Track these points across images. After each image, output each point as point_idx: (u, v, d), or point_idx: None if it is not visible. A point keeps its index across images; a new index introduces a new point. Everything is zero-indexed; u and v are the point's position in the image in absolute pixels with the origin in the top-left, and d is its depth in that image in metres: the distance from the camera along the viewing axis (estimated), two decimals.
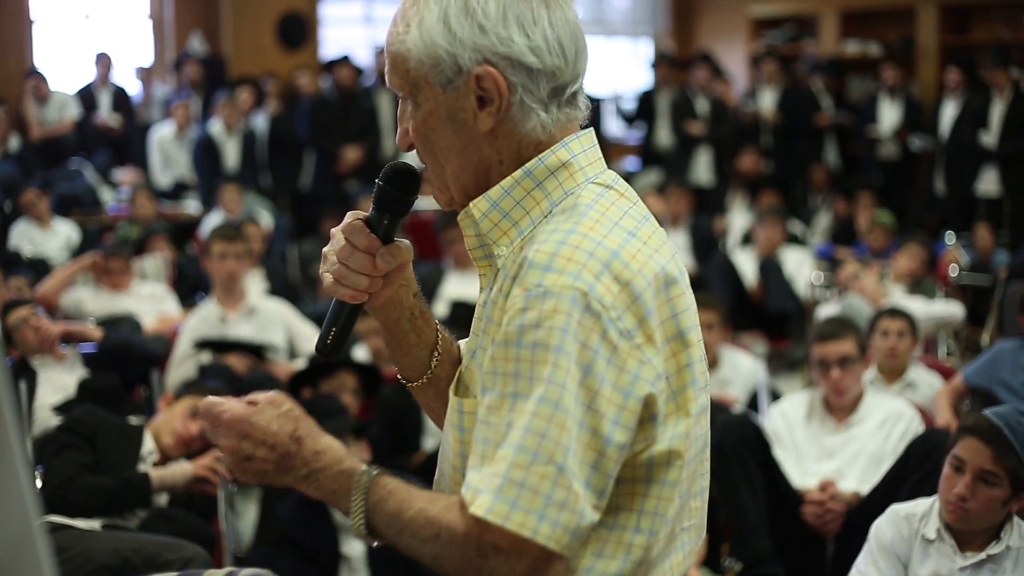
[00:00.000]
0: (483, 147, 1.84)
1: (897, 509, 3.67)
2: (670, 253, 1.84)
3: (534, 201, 1.84)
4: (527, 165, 1.84)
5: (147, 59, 13.56)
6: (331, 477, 1.82)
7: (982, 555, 3.50)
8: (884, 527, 3.64)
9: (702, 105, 12.58)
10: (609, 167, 1.95)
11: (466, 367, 1.91)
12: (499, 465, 1.68)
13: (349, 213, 1.98)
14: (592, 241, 1.73)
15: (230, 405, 1.87)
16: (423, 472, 5.70)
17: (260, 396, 1.89)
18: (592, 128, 1.94)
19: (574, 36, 1.85)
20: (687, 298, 1.83)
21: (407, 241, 2.01)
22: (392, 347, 2.11)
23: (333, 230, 1.97)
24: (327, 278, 1.98)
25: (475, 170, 1.86)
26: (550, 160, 1.84)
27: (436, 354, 2.07)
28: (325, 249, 1.98)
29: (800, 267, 9.12)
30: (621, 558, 1.78)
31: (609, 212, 1.81)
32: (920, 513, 3.62)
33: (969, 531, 3.54)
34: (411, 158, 1.99)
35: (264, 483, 1.87)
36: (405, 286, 2.05)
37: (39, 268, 8.30)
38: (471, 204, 1.87)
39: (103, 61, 12.38)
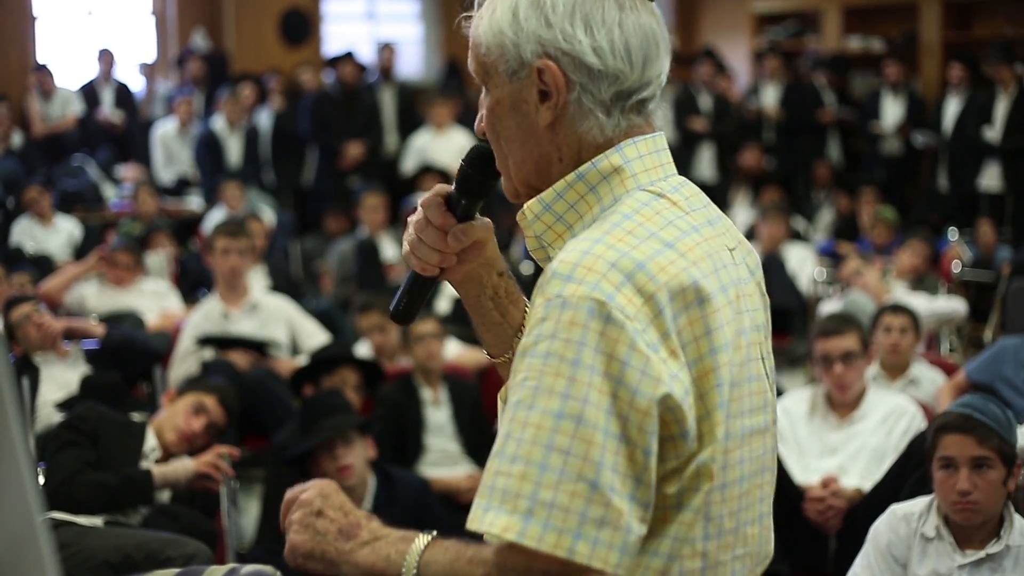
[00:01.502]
0: (543, 142, 1.83)
1: (896, 509, 3.67)
2: (711, 267, 1.76)
3: (587, 205, 1.82)
4: (580, 169, 1.82)
5: (150, 55, 13.59)
6: (391, 542, 1.79)
7: (981, 553, 3.50)
8: (882, 529, 3.64)
9: (705, 101, 12.56)
10: None
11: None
12: (526, 486, 1.62)
13: (437, 186, 1.99)
14: (616, 252, 1.69)
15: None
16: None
17: None
18: (659, 133, 1.89)
19: (646, 42, 1.81)
20: (724, 314, 1.75)
21: (487, 220, 2.01)
22: (475, 322, 2.12)
23: (420, 200, 1.98)
24: (404, 245, 2.01)
25: (536, 164, 1.85)
26: (603, 165, 1.81)
27: (519, 335, 2.05)
28: (409, 217, 2.01)
29: (803, 263, 9.12)
30: None
31: (648, 222, 1.75)
32: (919, 512, 3.61)
33: (972, 527, 3.54)
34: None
35: (315, 549, 1.85)
36: (486, 265, 2.04)
37: (42, 265, 8.31)
38: (525, 206, 1.86)
39: (106, 57, 12.40)
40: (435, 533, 1.78)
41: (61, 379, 5.51)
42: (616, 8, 1.80)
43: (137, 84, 13.10)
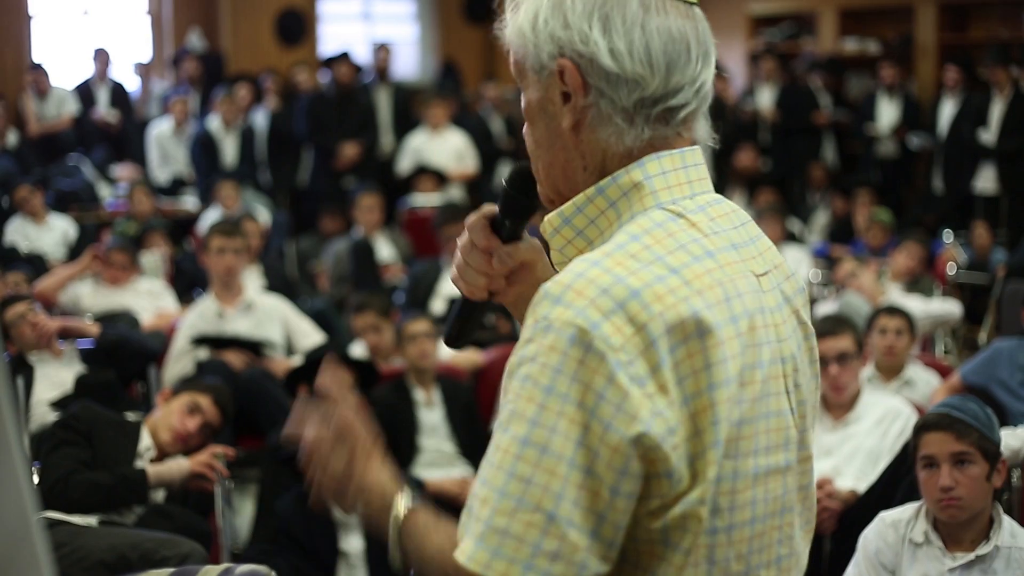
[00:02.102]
0: (568, 147, 1.76)
1: (884, 516, 3.68)
2: (721, 296, 1.66)
3: (607, 221, 1.74)
4: (601, 183, 1.74)
5: (145, 55, 13.57)
6: (386, 480, 1.80)
7: (971, 555, 3.50)
8: (870, 536, 3.65)
9: None
10: None
11: None
12: (483, 510, 1.59)
13: (484, 206, 1.96)
14: (612, 276, 1.60)
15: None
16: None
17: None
18: (692, 148, 1.78)
19: (671, 46, 1.71)
20: (730, 347, 1.64)
21: (535, 241, 1.97)
22: None
23: (466, 222, 1.95)
24: (452, 270, 1.98)
25: (563, 170, 1.79)
26: (623, 180, 1.73)
27: None
28: (457, 239, 1.99)
29: (798, 265, 9.11)
30: None
31: (656, 245, 1.66)
32: (907, 518, 3.63)
33: (961, 526, 3.54)
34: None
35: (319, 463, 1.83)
36: (537, 286, 1.98)
37: (37, 264, 8.30)
38: (546, 219, 1.80)
39: (101, 57, 12.39)
40: (415, 497, 1.77)
41: (56, 378, 5.50)
42: (640, 9, 1.71)
43: (133, 84, 13.09)
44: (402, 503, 1.74)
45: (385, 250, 9.38)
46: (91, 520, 4.36)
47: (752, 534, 1.70)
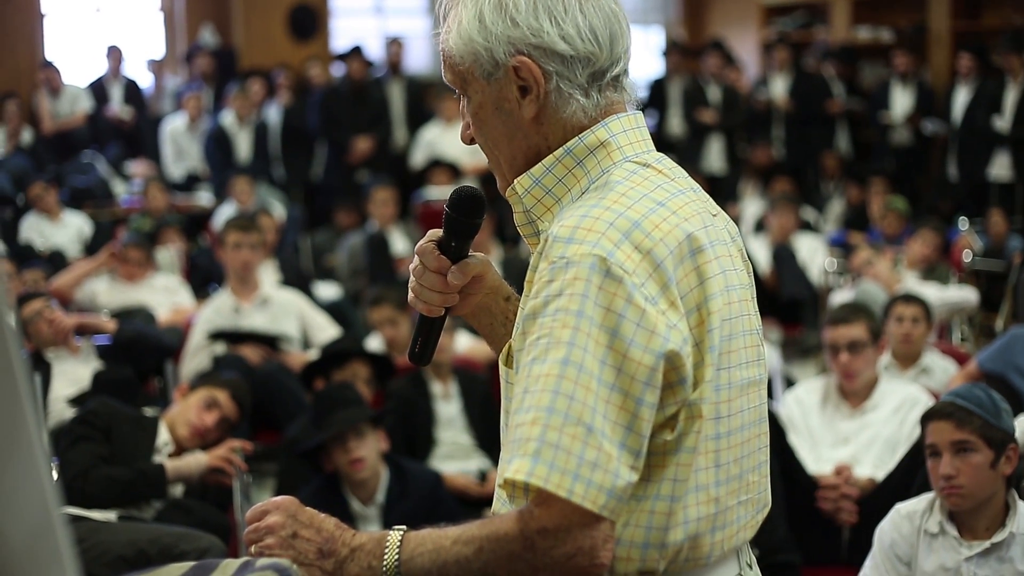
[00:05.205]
0: (530, 134, 1.93)
1: (899, 508, 3.68)
2: (701, 223, 1.87)
3: (575, 179, 1.92)
4: (568, 144, 1.92)
5: (158, 52, 13.59)
6: (368, 551, 1.85)
7: (987, 544, 3.49)
8: (886, 528, 3.65)
9: (714, 93, 12.55)
10: None
11: (513, 338, 1.95)
12: (536, 430, 1.72)
13: (429, 232, 2.10)
14: (613, 212, 1.79)
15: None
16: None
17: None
18: (639, 112, 2.00)
19: (608, 22, 1.91)
20: (718, 264, 1.86)
21: (481, 255, 2.13)
22: (493, 350, 2.21)
23: (415, 248, 2.09)
24: (409, 294, 2.13)
25: (526, 156, 1.95)
26: (589, 139, 1.92)
27: None
28: (410, 266, 2.12)
29: (813, 254, 9.11)
30: (645, 525, 1.82)
31: (639, 186, 1.86)
32: (922, 509, 3.63)
33: (974, 515, 3.53)
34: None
35: (301, 564, 1.89)
36: (492, 294, 2.17)
37: (55, 261, 8.32)
38: (515, 181, 1.95)
39: (114, 54, 12.41)
40: (405, 528, 1.84)
41: (73, 375, 5.51)
42: None
43: (146, 80, 13.11)
44: (394, 535, 1.83)
45: (400, 243, 9.39)
46: (110, 515, 4.37)
47: (743, 440, 1.91)
